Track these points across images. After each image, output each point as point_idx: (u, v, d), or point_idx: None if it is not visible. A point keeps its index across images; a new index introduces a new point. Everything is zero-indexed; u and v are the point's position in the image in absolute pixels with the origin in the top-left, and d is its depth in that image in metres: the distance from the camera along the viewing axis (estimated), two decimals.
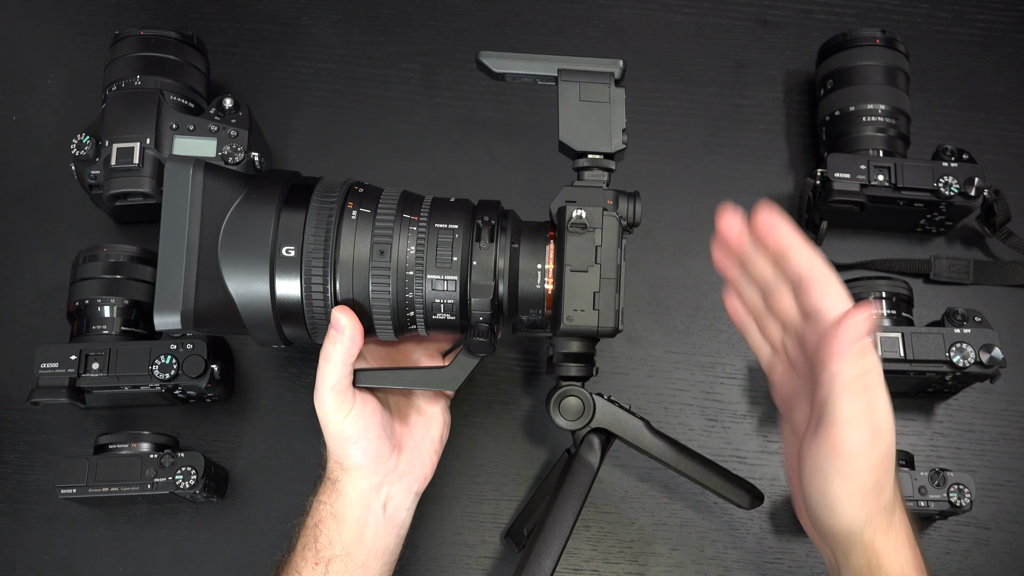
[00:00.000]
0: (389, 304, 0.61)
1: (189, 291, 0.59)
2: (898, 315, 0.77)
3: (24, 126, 0.92)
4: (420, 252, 0.61)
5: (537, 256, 0.63)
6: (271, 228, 0.60)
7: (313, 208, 0.61)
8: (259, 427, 0.82)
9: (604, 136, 0.63)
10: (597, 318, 0.61)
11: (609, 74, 0.63)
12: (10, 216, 0.89)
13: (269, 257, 0.60)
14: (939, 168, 0.81)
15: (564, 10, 0.97)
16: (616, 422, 0.66)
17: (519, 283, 0.62)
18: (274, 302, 0.61)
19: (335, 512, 0.66)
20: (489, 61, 0.64)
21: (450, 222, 0.62)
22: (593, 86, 0.63)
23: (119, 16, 0.96)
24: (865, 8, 0.97)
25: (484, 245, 0.62)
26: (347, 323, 0.60)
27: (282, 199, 0.61)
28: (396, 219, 0.62)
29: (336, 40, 0.95)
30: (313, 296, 0.61)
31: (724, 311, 0.85)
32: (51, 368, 0.73)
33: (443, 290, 0.61)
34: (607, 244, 0.61)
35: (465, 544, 0.79)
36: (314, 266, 0.60)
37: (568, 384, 0.65)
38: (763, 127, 0.93)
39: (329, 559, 0.65)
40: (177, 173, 0.60)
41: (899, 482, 0.72)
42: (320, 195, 0.62)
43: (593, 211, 0.61)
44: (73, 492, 0.73)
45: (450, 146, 0.91)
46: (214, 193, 0.60)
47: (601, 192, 0.62)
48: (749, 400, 0.83)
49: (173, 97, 0.81)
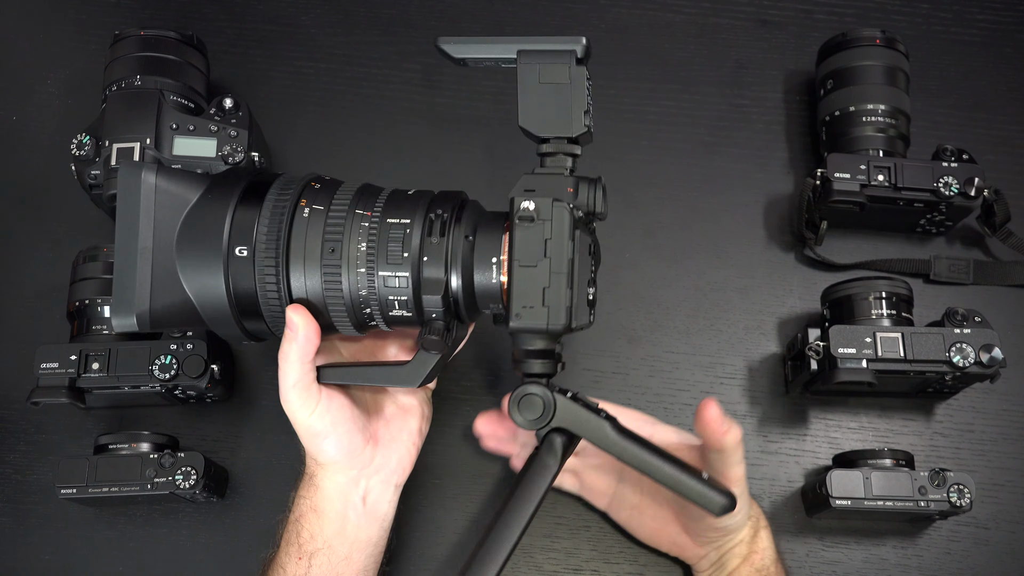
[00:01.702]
0: (344, 302, 0.61)
1: (144, 292, 0.60)
2: (898, 315, 0.77)
3: (24, 126, 0.92)
4: (371, 248, 0.60)
5: (492, 248, 0.60)
6: (224, 228, 0.60)
7: (267, 206, 0.60)
8: (259, 427, 0.82)
9: (565, 120, 0.60)
10: (547, 315, 0.58)
11: (569, 53, 0.60)
12: (10, 216, 0.89)
13: (223, 258, 0.60)
14: (939, 168, 0.81)
15: (564, 10, 0.97)
16: (578, 422, 0.61)
17: (474, 277, 0.60)
18: (231, 302, 0.60)
19: (314, 506, 0.66)
20: (448, 47, 0.62)
21: (402, 216, 0.60)
22: (553, 67, 0.60)
23: (119, 16, 0.96)
24: (865, 8, 0.97)
25: (435, 239, 0.60)
26: (300, 322, 0.60)
27: (238, 198, 0.61)
28: (348, 214, 0.60)
29: (336, 40, 0.95)
30: (268, 296, 0.60)
31: (724, 311, 0.86)
32: (51, 368, 0.73)
33: (395, 287, 0.60)
34: (556, 237, 0.58)
35: (465, 544, 0.79)
36: (266, 266, 0.60)
37: (530, 381, 0.61)
38: (763, 127, 0.93)
39: (312, 553, 0.65)
40: (128, 178, 0.60)
41: (900, 482, 0.73)
42: (276, 192, 0.61)
43: (543, 202, 0.58)
44: (73, 492, 0.73)
45: (450, 146, 0.91)
46: (168, 195, 0.60)
47: (561, 180, 0.60)
48: (749, 400, 0.83)
49: (173, 97, 0.81)
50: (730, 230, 0.89)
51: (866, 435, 0.82)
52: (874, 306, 0.77)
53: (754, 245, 0.88)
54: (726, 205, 0.90)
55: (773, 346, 0.85)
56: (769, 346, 0.85)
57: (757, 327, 0.86)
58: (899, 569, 0.79)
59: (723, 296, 0.87)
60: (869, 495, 0.73)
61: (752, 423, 0.83)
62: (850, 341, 0.74)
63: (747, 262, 0.88)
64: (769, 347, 0.85)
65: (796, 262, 0.88)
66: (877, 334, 0.74)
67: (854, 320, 0.77)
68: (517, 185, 0.60)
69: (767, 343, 0.85)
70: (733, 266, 0.88)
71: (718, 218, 0.89)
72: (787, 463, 0.82)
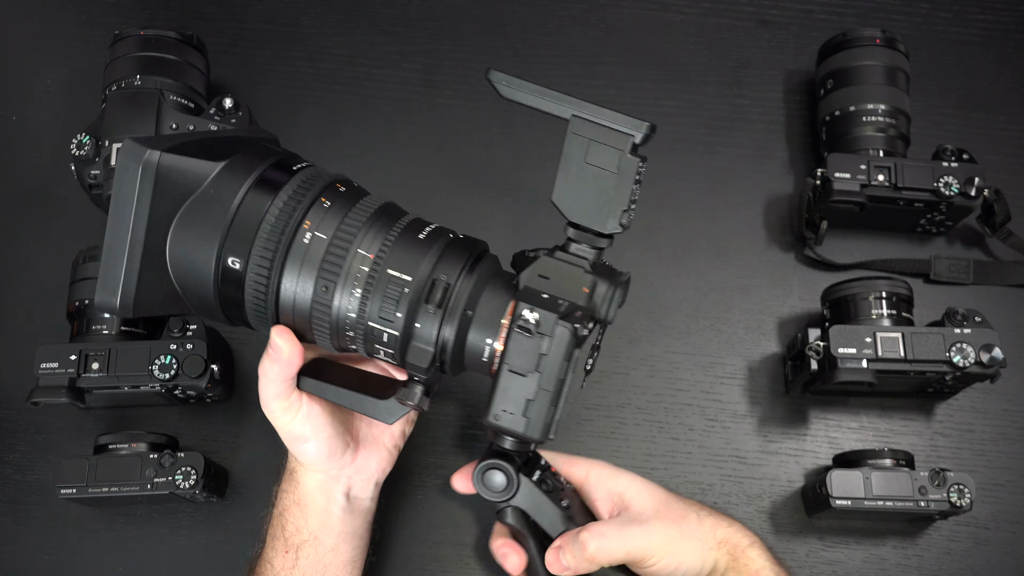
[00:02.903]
0: (329, 336, 0.58)
1: (131, 279, 0.56)
2: (898, 315, 0.77)
3: (24, 126, 0.92)
4: (365, 298, 0.56)
5: (490, 329, 0.56)
6: (220, 234, 0.56)
7: (268, 219, 0.57)
8: (259, 427, 0.82)
9: (600, 213, 0.55)
10: (525, 425, 0.55)
11: (628, 138, 0.54)
12: (10, 216, 0.89)
13: (215, 262, 0.57)
14: (939, 168, 0.81)
15: (564, 10, 0.97)
16: (535, 508, 0.63)
17: (464, 353, 0.57)
18: (219, 301, 0.58)
19: (298, 500, 0.66)
20: (500, 85, 0.58)
21: (405, 270, 0.56)
22: (604, 150, 0.54)
23: (119, 16, 0.96)
24: (865, 8, 0.97)
25: (432, 308, 0.56)
26: (284, 345, 0.59)
27: (241, 198, 0.57)
28: (349, 252, 0.57)
29: (336, 40, 0.95)
30: (255, 309, 0.58)
31: (724, 311, 0.86)
32: (51, 368, 0.73)
33: (383, 340, 0.57)
34: (553, 355, 0.54)
35: (465, 544, 0.79)
36: (257, 286, 0.57)
37: (498, 457, 0.61)
38: (763, 127, 0.93)
39: (298, 545, 0.66)
40: (128, 159, 0.55)
41: (900, 482, 0.73)
42: (283, 201, 0.57)
43: (546, 317, 0.54)
44: (73, 492, 0.73)
45: (450, 146, 0.91)
46: (169, 183, 0.56)
47: (579, 275, 0.56)
48: (749, 400, 0.83)
49: (173, 97, 0.81)
50: (730, 230, 0.89)
51: (866, 435, 0.82)
52: (874, 306, 0.77)
53: (754, 245, 0.88)
54: (726, 205, 0.90)
55: (773, 346, 0.85)
56: (769, 346, 0.85)
57: (757, 327, 0.86)
58: (899, 569, 0.79)
59: (723, 296, 0.87)
60: (869, 495, 0.73)
61: (752, 423, 0.83)
62: (850, 341, 0.74)
63: (747, 262, 0.88)
64: (769, 347, 0.85)
65: (796, 262, 0.88)
66: (877, 334, 0.74)
67: (854, 320, 0.77)
68: (533, 266, 0.56)
69: (767, 343, 0.85)
70: (733, 266, 0.88)
71: (718, 218, 0.89)
72: (787, 463, 0.82)
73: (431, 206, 0.74)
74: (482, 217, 0.88)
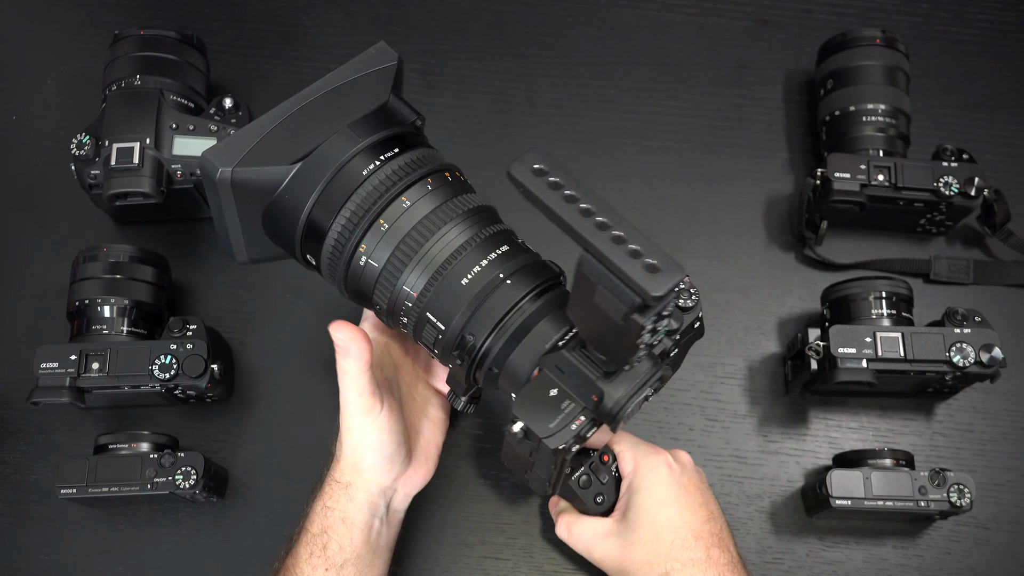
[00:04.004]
0: (385, 311, 0.62)
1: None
2: (898, 315, 0.77)
3: (24, 126, 0.92)
4: (428, 288, 0.59)
5: (515, 387, 0.59)
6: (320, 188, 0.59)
7: (370, 183, 0.59)
8: (259, 427, 0.82)
9: (611, 352, 0.54)
10: (528, 480, 0.63)
11: (629, 299, 0.46)
12: (10, 216, 0.89)
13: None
14: (939, 168, 0.81)
15: (564, 10, 0.97)
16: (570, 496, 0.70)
17: (493, 383, 0.61)
18: (304, 217, 0.60)
19: (345, 517, 0.66)
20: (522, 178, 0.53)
21: (441, 318, 0.59)
22: (609, 300, 0.47)
23: (119, 16, 0.96)
24: (865, 8, 0.97)
25: (457, 363, 0.60)
26: (348, 337, 0.60)
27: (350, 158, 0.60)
28: (434, 236, 0.59)
29: (336, 40, 0.95)
30: (330, 257, 0.61)
31: (724, 311, 0.86)
32: (51, 368, 0.73)
33: (429, 341, 0.61)
34: (541, 459, 0.58)
35: (465, 544, 0.79)
36: (340, 238, 0.60)
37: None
38: (763, 127, 0.93)
39: (341, 564, 0.65)
40: (207, 178, 0.59)
41: (900, 482, 0.73)
42: (390, 171, 0.60)
43: (537, 431, 0.55)
44: (73, 492, 0.73)
45: (450, 146, 0.91)
46: (246, 192, 0.59)
47: (589, 384, 0.55)
48: (749, 400, 0.83)
49: (173, 97, 0.81)
50: (730, 230, 0.89)
51: (866, 435, 0.82)
52: (874, 306, 0.77)
53: (754, 245, 0.88)
54: (726, 205, 0.90)
55: (773, 346, 0.85)
56: (769, 346, 0.85)
57: (757, 327, 0.86)
58: (899, 569, 0.79)
59: (723, 296, 0.87)
60: (869, 495, 0.73)
61: (752, 423, 0.83)
62: (850, 341, 0.74)
63: (747, 262, 0.88)
64: (769, 347, 0.85)
65: (796, 262, 0.88)
66: (877, 334, 0.74)
67: (854, 320, 0.77)
68: (550, 356, 0.56)
69: (767, 343, 0.85)
70: (733, 266, 0.88)
71: (718, 218, 0.89)
72: (787, 463, 0.82)
73: None
74: None
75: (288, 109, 0.61)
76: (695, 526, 0.66)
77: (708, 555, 0.65)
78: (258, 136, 0.59)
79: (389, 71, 0.64)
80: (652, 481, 0.67)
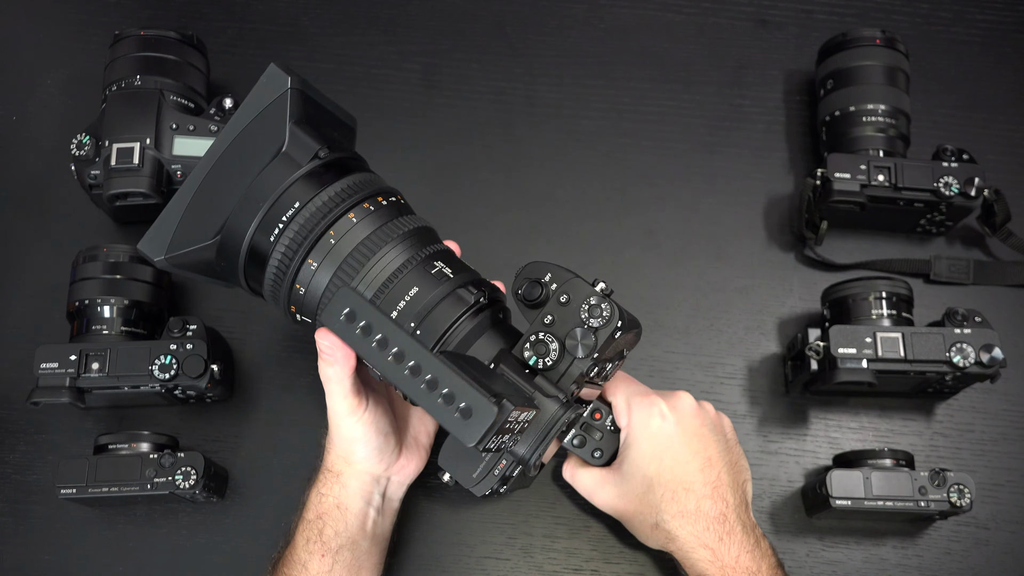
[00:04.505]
0: None
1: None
2: (898, 315, 0.77)
3: (24, 126, 0.92)
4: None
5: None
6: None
7: (310, 208, 0.61)
8: (259, 427, 0.82)
9: (469, 480, 0.61)
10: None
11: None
12: (10, 216, 0.89)
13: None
14: (939, 168, 0.81)
15: (564, 10, 0.97)
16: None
17: None
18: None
19: (340, 503, 0.67)
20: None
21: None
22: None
23: (119, 16, 0.96)
24: (865, 8, 0.97)
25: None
26: (333, 345, 0.61)
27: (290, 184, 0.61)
28: (375, 257, 0.61)
29: (336, 40, 0.95)
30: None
31: (724, 311, 0.86)
32: (51, 368, 0.73)
33: None
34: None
35: (465, 544, 0.79)
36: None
37: None
38: (763, 127, 0.93)
39: (337, 549, 0.66)
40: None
41: (900, 482, 0.73)
42: (329, 195, 0.61)
43: (456, 477, 0.62)
44: (73, 492, 0.73)
45: (450, 146, 0.91)
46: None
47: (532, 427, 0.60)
48: (749, 400, 0.83)
49: (173, 97, 0.81)
50: (730, 230, 0.89)
51: (866, 435, 0.82)
52: (874, 306, 0.77)
53: (754, 245, 0.88)
54: (726, 205, 0.90)
55: (773, 346, 0.85)
56: (769, 346, 0.85)
57: (757, 327, 0.86)
58: (899, 569, 0.79)
59: (723, 296, 0.87)
60: (869, 495, 0.73)
61: (752, 423, 0.83)
62: (850, 341, 0.74)
63: (747, 262, 0.88)
64: (769, 347, 0.85)
65: (796, 262, 0.88)
66: (877, 334, 0.74)
67: (854, 320, 0.77)
68: (503, 409, 0.51)
69: (767, 343, 0.85)
70: (733, 266, 0.88)
71: (718, 218, 0.89)
72: (787, 463, 0.82)
73: (431, 206, 0.74)
74: (482, 218, 0.88)
75: (196, 180, 0.62)
76: (686, 478, 0.67)
77: (698, 507, 0.66)
78: (176, 219, 0.62)
79: (282, 101, 0.62)
80: (642, 435, 0.68)
